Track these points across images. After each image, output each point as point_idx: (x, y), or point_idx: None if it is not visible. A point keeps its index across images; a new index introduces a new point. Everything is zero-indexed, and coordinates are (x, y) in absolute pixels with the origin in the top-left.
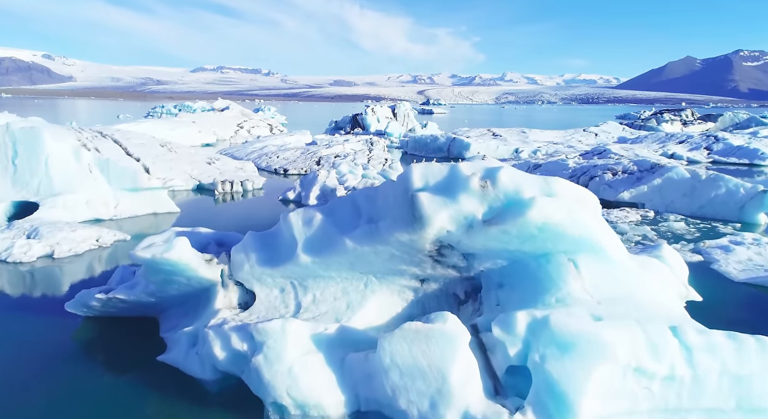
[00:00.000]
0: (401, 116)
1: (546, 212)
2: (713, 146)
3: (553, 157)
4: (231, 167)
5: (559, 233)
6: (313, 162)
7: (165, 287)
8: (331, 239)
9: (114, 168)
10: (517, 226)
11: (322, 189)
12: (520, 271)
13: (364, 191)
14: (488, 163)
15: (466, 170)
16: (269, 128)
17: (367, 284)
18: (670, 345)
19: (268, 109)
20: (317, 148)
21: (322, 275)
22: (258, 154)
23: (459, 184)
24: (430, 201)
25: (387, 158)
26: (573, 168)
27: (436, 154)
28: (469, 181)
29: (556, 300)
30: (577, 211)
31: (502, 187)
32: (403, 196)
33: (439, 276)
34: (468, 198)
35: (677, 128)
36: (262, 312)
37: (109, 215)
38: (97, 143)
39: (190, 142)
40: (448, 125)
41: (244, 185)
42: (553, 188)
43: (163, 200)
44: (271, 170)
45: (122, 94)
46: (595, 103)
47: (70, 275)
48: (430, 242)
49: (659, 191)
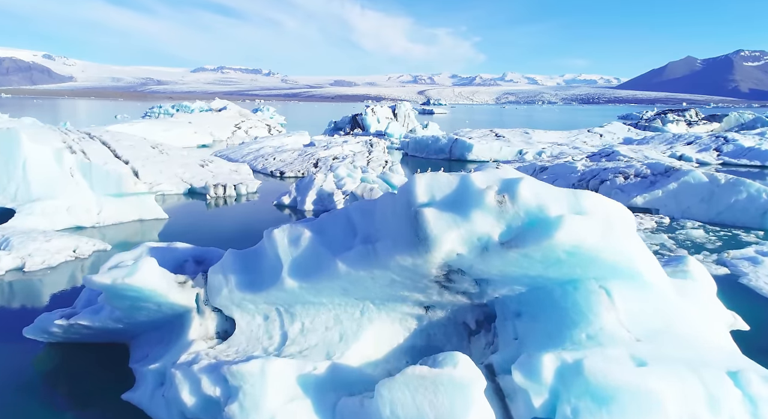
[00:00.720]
0: (402, 117)
1: (577, 235)
2: (723, 147)
3: (559, 159)
4: (225, 169)
5: (591, 257)
6: (311, 164)
7: (133, 313)
8: (322, 261)
9: (97, 172)
10: (542, 250)
11: (318, 194)
12: (542, 299)
13: (360, 206)
14: (504, 173)
15: (479, 182)
16: (267, 128)
17: (363, 312)
18: (730, 397)
19: (266, 109)
20: (315, 149)
21: (312, 301)
22: (254, 156)
23: (471, 199)
24: (437, 219)
25: (387, 160)
26: (582, 171)
27: (438, 155)
28: (483, 195)
29: (588, 337)
30: (613, 232)
31: (523, 203)
32: (405, 212)
33: (446, 303)
34: (482, 216)
35: (682, 128)
36: (242, 344)
37: (91, 223)
38: (84, 144)
39: (186, 143)
40: (449, 125)
41: (237, 189)
42: (582, 204)
43: (150, 205)
44: (267, 173)
45: (122, 94)
46: (595, 104)
47: (39, 291)
48: (437, 267)
49: (675, 196)
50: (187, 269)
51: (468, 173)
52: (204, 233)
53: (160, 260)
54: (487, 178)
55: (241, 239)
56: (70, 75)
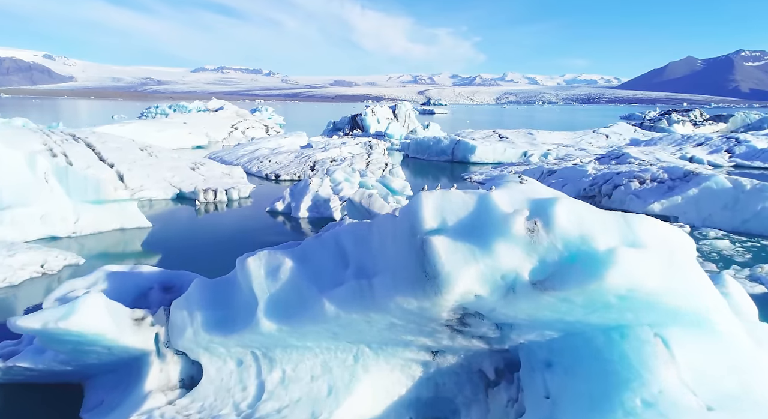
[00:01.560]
0: (402, 117)
1: (634, 275)
2: (734, 148)
3: (567, 161)
4: (217, 173)
5: (650, 303)
6: (307, 167)
7: (80, 356)
8: (306, 299)
9: (74, 177)
10: (587, 293)
11: (314, 200)
12: (580, 347)
13: (353, 229)
14: (532, 190)
15: (503, 203)
16: (265, 129)
17: (357, 358)
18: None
19: (265, 109)
20: (312, 151)
21: (295, 344)
22: (249, 158)
23: (494, 225)
24: (449, 251)
25: (387, 162)
26: (593, 175)
27: (439, 157)
28: (509, 222)
29: (644, 404)
30: (677, 270)
31: (562, 231)
32: (408, 240)
33: (459, 348)
34: (508, 248)
35: (689, 129)
36: (210, 398)
37: (67, 232)
38: (66, 147)
39: (180, 144)
40: (450, 125)
41: (229, 194)
42: (637, 232)
43: (132, 213)
44: (261, 176)
45: (122, 94)
46: (596, 104)
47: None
48: (449, 310)
49: (695, 203)
50: (152, 299)
51: (488, 191)
52: (189, 243)
53: (119, 289)
54: (512, 198)
55: (229, 251)
56: (70, 75)
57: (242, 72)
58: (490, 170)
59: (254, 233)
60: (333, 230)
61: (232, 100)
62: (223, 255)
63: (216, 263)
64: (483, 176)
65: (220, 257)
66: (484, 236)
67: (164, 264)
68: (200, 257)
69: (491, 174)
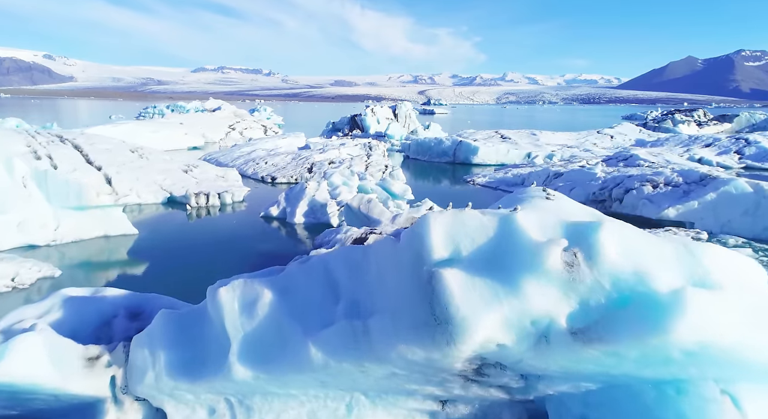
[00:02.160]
0: (402, 117)
1: (708, 329)
2: (744, 149)
3: (573, 163)
4: (211, 175)
5: (723, 358)
6: (305, 169)
7: (24, 403)
8: (287, 341)
9: (54, 182)
10: (643, 348)
11: (310, 204)
12: (624, 403)
13: (345, 254)
14: (564, 208)
15: (531, 228)
16: (263, 129)
17: (351, 407)
18: None
19: (263, 109)
20: (310, 153)
21: (276, 392)
22: (245, 159)
23: (522, 257)
24: (465, 290)
25: (387, 164)
26: (603, 178)
27: (441, 158)
28: (542, 253)
29: None
30: (760, 318)
31: (610, 266)
32: (412, 272)
33: (473, 398)
34: (540, 287)
35: (694, 129)
36: None
37: (46, 240)
38: (51, 149)
39: (175, 145)
40: (451, 125)
41: (222, 198)
42: (706, 267)
43: (117, 219)
44: (257, 178)
45: (122, 94)
46: (596, 104)
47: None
48: (465, 361)
49: (713, 208)
50: (116, 329)
51: (512, 211)
52: (174, 253)
53: (77, 317)
54: (542, 221)
55: (217, 262)
56: (70, 75)
57: (242, 72)
58: (493, 172)
59: (246, 241)
60: (322, 256)
61: (232, 100)
62: (211, 267)
63: (201, 279)
64: (486, 178)
65: (207, 270)
66: (509, 271)
67: (145, 278)
68: (184, 271)
69: (495, 176)
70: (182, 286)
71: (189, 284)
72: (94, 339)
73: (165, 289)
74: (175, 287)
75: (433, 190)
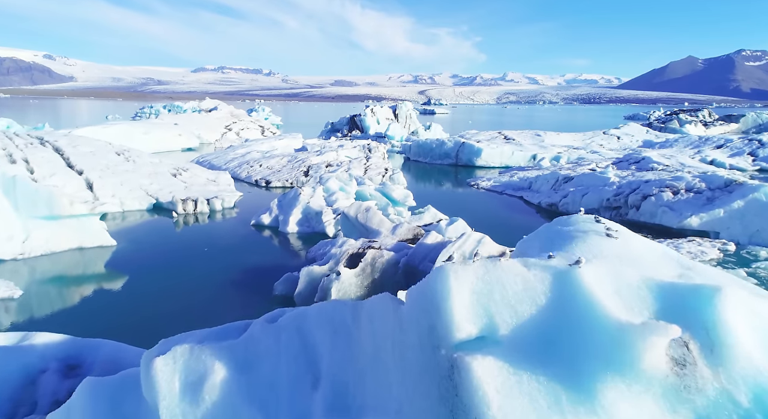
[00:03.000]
0: (403, 118)
1: None
2: (758, 151)
3: (582, 166)
4: (201, 179)
5: None
6: (301, 172)
7: None
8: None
9: (24, 189)
10: None
11: (304, 212)
12: None
13: (329, 314)
14: (641, 256)
15: (606, 297)
16: (261, 130)
17: None
18: None
19: (262, 109)
20: (307, 155)
21: None
22: (239, 161)
23: (597, 344)
24: (506, 395)
25: (387, 167)
26: (617, 183)
27: (443, 160)
28: (635, 345)
29: None
30: None
31: (745, 365)
32: (425, 356)
33: None
34: (631, 396)
35: (701, 130)
36: None
37: (13, 254)
38: (29, 152)
39: (168, 147)
40: (452, 126)
41: (211, 204)
42: None
43: (94, 230)
44: (251, 182)
45: (121, 94)
46: (596, 103)
47: None
48: None
49: (741, 217)
50: (42, 391)
51: (574, 265)
52: (153, 269)
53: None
54: (618, 280)
55: (200, 280)
56: (70, 75)
57: (243, 72)
58: (497, 175)
59: (233, 253)
60: (296, 314)
61: (232, 100)
62: (189, 287)
63: (173, 306)
64: (491, 182)
65: (184, 290)
66: (576, 366)
67: (111, 302)
68: (158, 294)
69: (500, 180)
70: (151, 315)
71: (159, 314)
72: (10, 406)
73: (131, 320)
74: (143, 316)
75: (435, 195)
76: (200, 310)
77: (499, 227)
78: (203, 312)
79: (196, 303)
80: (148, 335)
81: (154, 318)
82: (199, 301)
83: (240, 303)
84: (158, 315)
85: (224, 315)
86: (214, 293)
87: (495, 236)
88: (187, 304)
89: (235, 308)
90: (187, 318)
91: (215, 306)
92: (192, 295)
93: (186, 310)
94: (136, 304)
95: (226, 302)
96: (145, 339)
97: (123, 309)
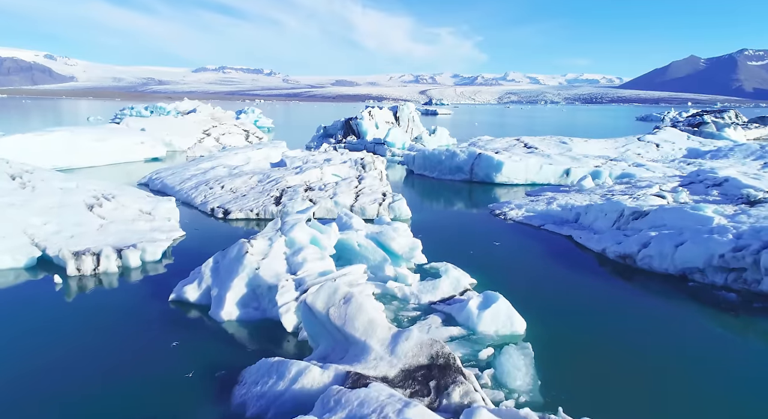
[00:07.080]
0: (405, 121)
1: None
2: None
3: (636, 187)
4: (131, 211)
5: None
6: (271, 199)
7: None
8: None
9: None
10: None
11: (251, 285)
12: None
13: None
14: None
15: None
16: (245, 135)
17: None
18: None
19: (251, 110)
20: (283, 173)
21: None
22: (198, 180)
23: None
24: None
25: (385, 192)
26: (731, 229)
27: (454, 176)
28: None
29: None
30: None
31: None
32: None
33: None
34: None
35: (741, 134)
36: None
37: None
38: None
39: (128, 156)
40: (456, 128)
41: (124, 259)
42: None
43: None
44: (206, 211)
45: (120, 94)
46: (598, 103)
47: None
48: None
49: None
50: None
51: None
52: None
53: None
54: None
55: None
56: (71, 75)
57: (243, 72)
58: (526, 198)
59: (120, 371)
60: None
61: (233, 99)
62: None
63: None
64: (522, 211)
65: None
66: None
67: None
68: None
69: (534, 208)
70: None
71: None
72: None
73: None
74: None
75: (449, 233)
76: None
77: (553, 300)
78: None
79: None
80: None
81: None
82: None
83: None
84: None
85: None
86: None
87: (551, 318)
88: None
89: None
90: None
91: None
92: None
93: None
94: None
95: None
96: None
97: None
